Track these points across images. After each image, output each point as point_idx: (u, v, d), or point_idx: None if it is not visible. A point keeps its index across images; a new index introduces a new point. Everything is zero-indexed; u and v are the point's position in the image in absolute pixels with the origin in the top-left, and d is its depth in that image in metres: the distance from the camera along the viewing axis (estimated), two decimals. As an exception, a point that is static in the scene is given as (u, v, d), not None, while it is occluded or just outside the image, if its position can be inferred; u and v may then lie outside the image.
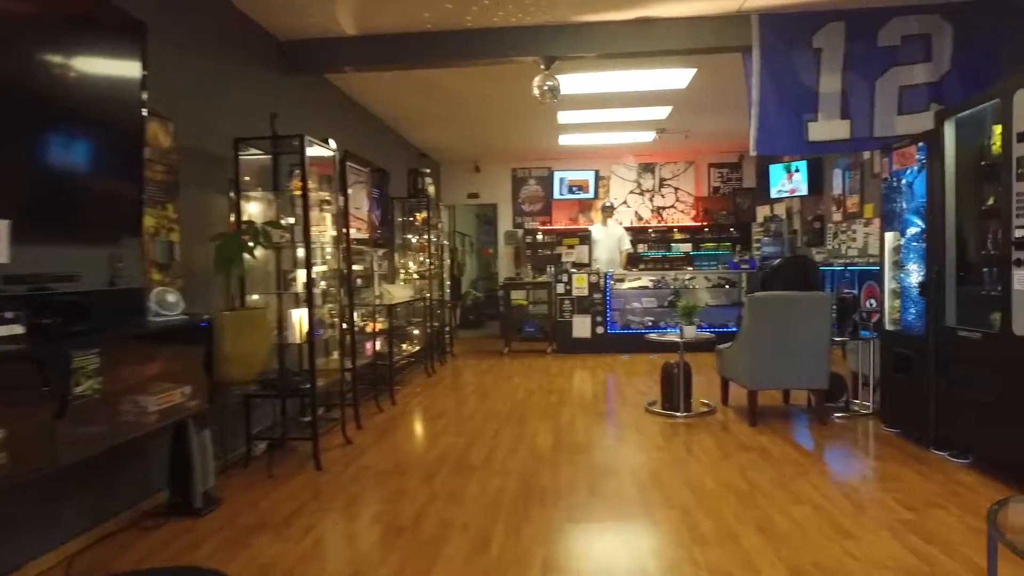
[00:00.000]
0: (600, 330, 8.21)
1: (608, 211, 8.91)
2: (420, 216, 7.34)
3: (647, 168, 10.35)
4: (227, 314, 3.38)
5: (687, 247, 10.06)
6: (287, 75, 4.82)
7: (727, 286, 8.35)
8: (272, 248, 3.60)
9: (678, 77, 6.04)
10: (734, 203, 10.18)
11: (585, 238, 8.34)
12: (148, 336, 2.86)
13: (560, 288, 8.26)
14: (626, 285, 8.49)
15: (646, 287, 8.46)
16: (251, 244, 3.42)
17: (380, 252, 6.83)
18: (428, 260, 7.27)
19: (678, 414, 4.83)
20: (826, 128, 4.73)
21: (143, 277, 3.11)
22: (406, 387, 6.29)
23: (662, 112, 7.44)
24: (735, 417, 4.80)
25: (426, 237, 7.40)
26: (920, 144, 3.88)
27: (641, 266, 10.06)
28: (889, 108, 4.64)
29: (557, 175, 10.18)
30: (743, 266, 8.18)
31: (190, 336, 3.01)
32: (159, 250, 3.28)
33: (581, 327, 8.25)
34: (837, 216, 7.67)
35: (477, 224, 14.15)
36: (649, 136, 8.62)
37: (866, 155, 6.91)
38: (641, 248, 10.13)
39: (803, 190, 8.25)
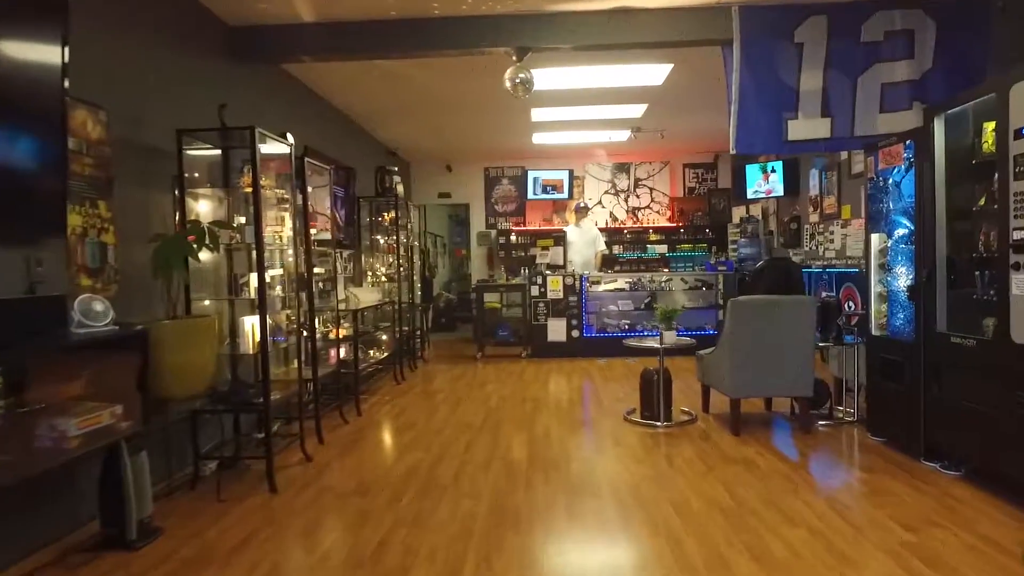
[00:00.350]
0: (576, 334, 8.00)
1: (582, 212, 8.71)
2: (388, 216, 7.04)
3: (622, 168, 10.18)
4: (168, 323, 3.06)
5: (663, 248, 9.93)
6: (240, 64, 4.49)
7: (704, 288, 8.21)
8: (217, 250, 3.27)
9: (654, 73, 5.85)
10: (709, 204, 10.07)
11: (560, 239, 8.14)
12: (70, 350, 2.54)
13: (534, 291, 8.02)
14: (602, 287, 8.30)
15: (622, 289, 8.28)
16: (194, 246, 3.10)
17: (346, 254, 6.51)
18: (397, 262, 6.97)
19: (658, 424, 4.62)
20: (806, 127, 4.57)
21: (68, 283, 2.78)
22: (374, 396, 5.98)
23: (638, 110, 7.26)
24: (717, 426, 4.61)
25: (395, 238, 7.10)
26: (908, 142, 3.73)
27: (616, 268, 9.89)
28: (871, 106, 4.49)
29: (531, 174, 9.95)
30: (720, 268, 8.04)
31: (121, 349, 2.69)
32: (89, 253, 2.95)
33: (556, 331, 8.02)
34: (814, 217, 7.58)
35: (449, 225, 13.87)
36: (624, 135, 8.44)
37: (843, 155, 6.82)
38: (616, 249, 9.96)
39: (779, 191, 8.16)
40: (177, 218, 3.55)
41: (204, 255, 3.35)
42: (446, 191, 10.37)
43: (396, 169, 7.01)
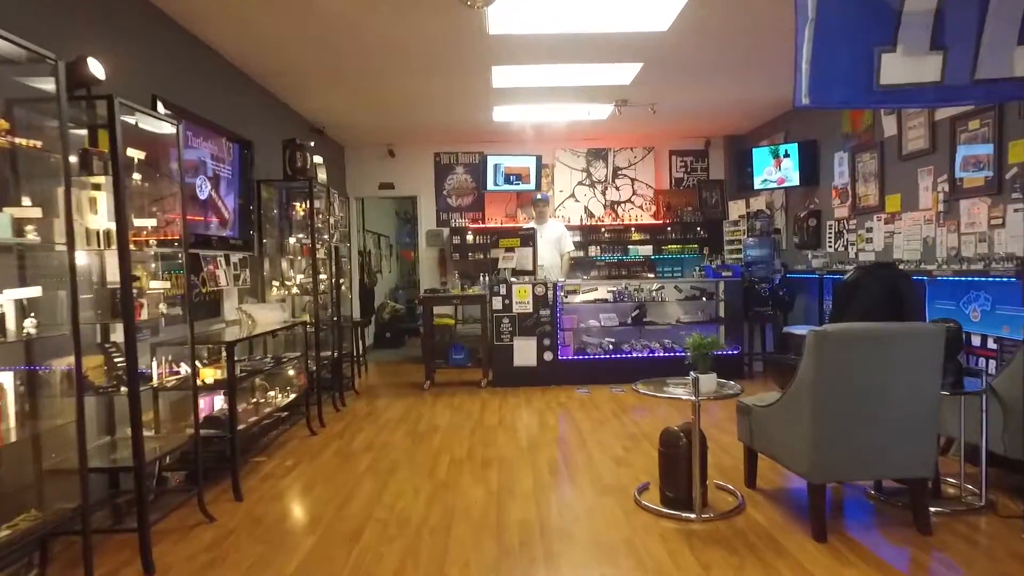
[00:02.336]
0: (548, 356, 6.39)
1: (541, 205, 7.11)
2: (300, 207, 5.27)
3: (598, 155, 8.63)
4: None
5: (647, 250, 8.40)
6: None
7: (703, 298, 6.71)
8: None
9: (661, 9, 4.28)
10: (700, 197, 8.61)
11: (528, 238, 6.54)
12: None
13: (497, 303, 6.38)
14: (580, 298, 6.72)
15: (604, 300, 6.71)
16: None
17: (238, 257, 4.73)
18: (313, 267, 5.19)
19: (691, 516, 3.03)
20: (907, 66, 3.03)
21: None
22: (272, 460, 4.22)
23: (628, 73, 5.69)
24: (780, 518, 3.04)
25: (321, 236, 5.33)
26: None
27: (592, 273, 8.35)
28: (1004, 35, 2.98)
29: (491, 161, 8.29)
30: (724, 273, 6.56)
31: None
32: None
33: (524, 352, 6.39)
34: (841, 211, 6.16)
35: (396, 224, 12.13)
36: (606, 111, 6.89)
37: (888, 131, 5.40)
38: (592, 251, 8.40)
39: (794, 179, 6.72)
40: None
41: None
42: (388, 181, 8.63)
43: (312, 145, 5.25)
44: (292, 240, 5.29)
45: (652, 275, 8.30)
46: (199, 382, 3.38)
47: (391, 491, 3.56)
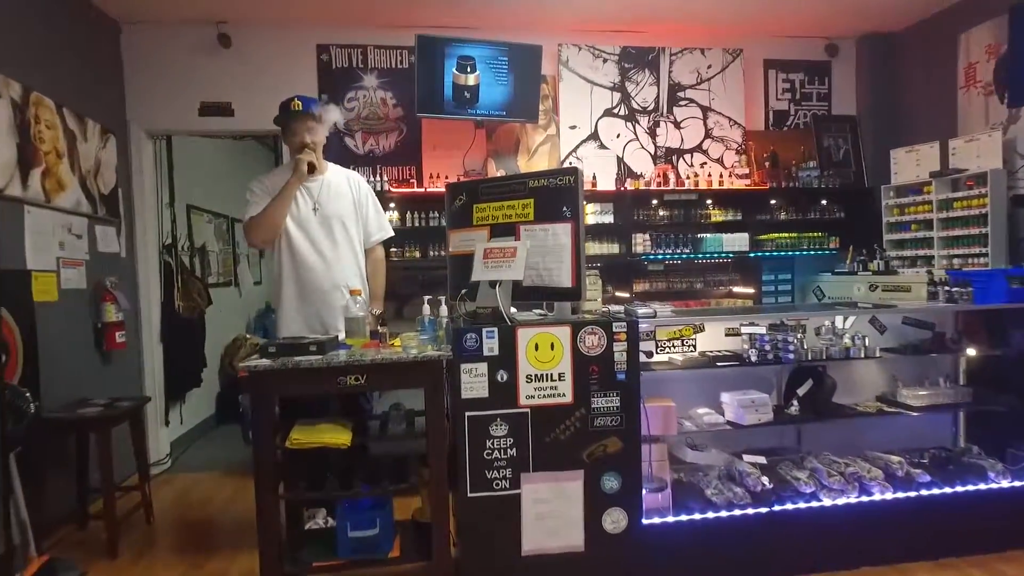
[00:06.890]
0: (617, 522, 2.25)
1: (301, 126, 2.69)
2: None
3: (641, 60, 4.57)
4: None
5: (738, 240, 4.37)
6: None
7: (943, 345, 2.77)
8: None
9: None
10: (819, 147, 4.73)
11: (553, 202, 2.40)
12: None
13: (473, 380, 2.19)
14: (661, 358, 2.60)
15: (723, 359, 2.63)
16: None
17: None
18: None
19: None
20: None
21: None
22: None
23: None
24: None
25: None
26: None
27: (639, 285, 4.35)
28: None
29: (439, 54, 4.03)
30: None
31: None
32: None
33: (552, 516, 2.23)
34: None
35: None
36: None
37: None
38: (639, 244, 4.29)
39: None
40: None
41: None
42: (220, 100, 4.19)
43: None
44: None
45: (752, 290, 4.39)
46: None
47: None
